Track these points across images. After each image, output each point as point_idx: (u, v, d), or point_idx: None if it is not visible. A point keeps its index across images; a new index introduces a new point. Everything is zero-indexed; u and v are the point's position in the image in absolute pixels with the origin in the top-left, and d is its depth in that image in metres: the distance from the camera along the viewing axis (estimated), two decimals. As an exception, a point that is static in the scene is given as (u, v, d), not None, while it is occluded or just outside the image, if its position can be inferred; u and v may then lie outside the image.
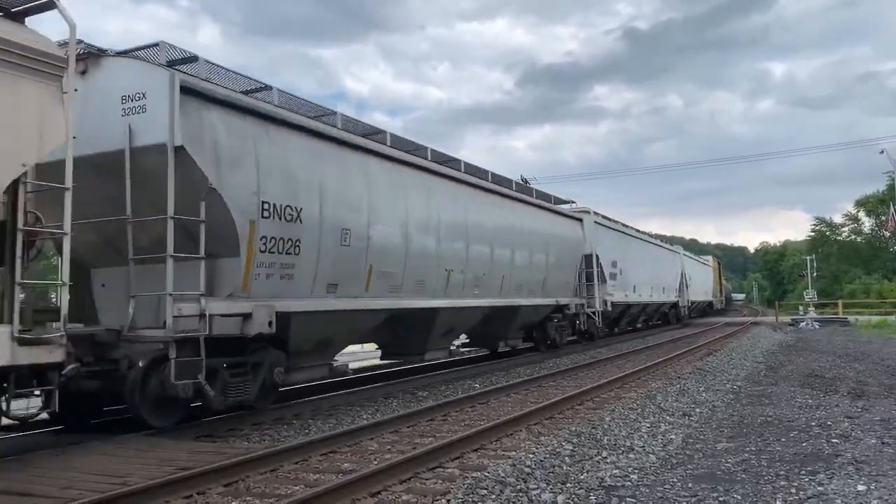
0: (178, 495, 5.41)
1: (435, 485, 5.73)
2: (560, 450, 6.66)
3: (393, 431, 8.11)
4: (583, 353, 18.86)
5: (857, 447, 6.80)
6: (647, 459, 6.45)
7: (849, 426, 7.83)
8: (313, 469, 6.39)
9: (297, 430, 8.60)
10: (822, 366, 14.21)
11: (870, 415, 8.54)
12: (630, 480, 5.71)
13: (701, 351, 18.58)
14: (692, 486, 5.52)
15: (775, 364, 14.85)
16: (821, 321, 33.13)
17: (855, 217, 65.05)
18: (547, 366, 15.56)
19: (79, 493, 5.25)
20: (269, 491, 5.68)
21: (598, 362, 15.98)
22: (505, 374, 14.14)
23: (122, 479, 5.66)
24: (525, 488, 5.39)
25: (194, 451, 6.89)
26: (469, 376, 13.88)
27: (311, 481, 5.91)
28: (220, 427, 8.53)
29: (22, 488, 5.50)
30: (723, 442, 7.22)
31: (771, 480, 5.68)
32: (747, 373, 13.18)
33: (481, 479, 5.55)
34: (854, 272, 58.31)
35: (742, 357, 16.31)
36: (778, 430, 7.77)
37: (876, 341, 21.73)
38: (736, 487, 5.48)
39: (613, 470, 6.00)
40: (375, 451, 7.14)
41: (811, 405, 9.33)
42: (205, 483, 5.68)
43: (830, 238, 66.60)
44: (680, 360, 16.11)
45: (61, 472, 6.01)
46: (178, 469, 5.97)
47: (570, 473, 5.87)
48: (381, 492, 5.50)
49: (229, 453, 6.66)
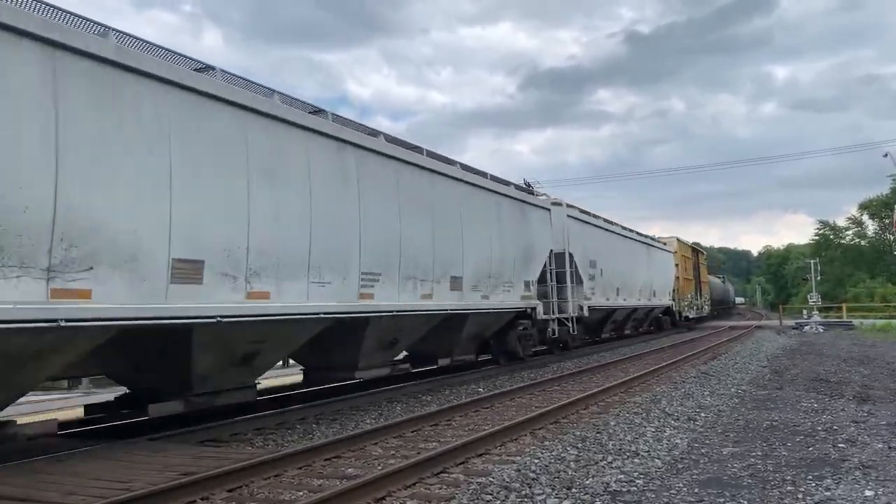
0: (181, 501, 5.38)
1: (440, 490, 5.70)
2: (565, 455, 6.63)
3: (397, 436, 8.09)
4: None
5: (864, 452, 6.75)
6: (653, 464, 6.41)
7: (855, 430, 7.79)
8: (317, 474, 6.37)
9: (300, 434, 8.59)
10: (828, 370, 14.15)
11: (876, 419, 8.49)
12: (636, 486, 5.68)
13: (706, 355, 18.54)
14: (698, 492, 5.48)
15: (780, 368, 14.79)
16: (825, 325, 33.04)
17: (859, 220, 64.92)
18: (551, 370, 15.48)
19: (82, 499, 5.24)
20: (272, 496, 5.66)
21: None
22: (510, 378, 14.12)
23: (125, 485, 5.64)
24: (530, 493, 5.37)
25: (198, 457, 6.87)
26: (473, 380, 13.85)
27: (315, 487, 5.89)
28: (224, 432, 8.52)
29: (24, 494, 5.48)
30: (728, 447, 7.18)
31: (777, 485, 5.64)
32: (752, 377, 13.13)
33: (486, 485, 5.53)
34: (858, 275, 58.19)
35: (746, 361, 16.26)
36: (784, 434, 7.73)
37: (881, 345, 21.66)
38: (742, 493, 5.45)
39: (619, 475, 5.96)
40: (380, 456, 7.12)
41: (817, 409, 9.28)
42: (209, 488, 5.66)
43: (834, 241, 66.43)
44: (685, 363, 16.07)
45: (64, 478, 6.00)
46: (181, 474, 5.95)
47: (575, 478, 5.84)
48: (385, 497, 5.47)
49: (233, 458, 6.64)
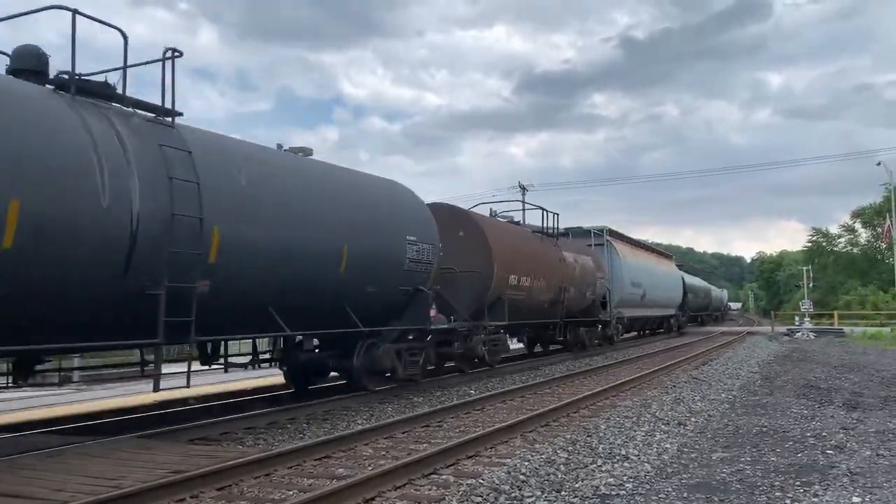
0: (171, 498, 5.38)
1: (430, 491, 5.72)
2: (555, 458, 6.64)
3: (388, 437, 8.09)
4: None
5: (853, 459, 6.79)
6: (642, 468, 6.43)
7: (844, 437, 7.83)
8: (307, 474, 6.37)
9: (291, 434, 8.58)
10: (818, 376, 14.21)
11: (865, 426, 8.54)
12: (625, 489, 5.70)
13: (697, 360, 18.58)
14: (687, 496, 5.51)
15: (771, 374, 14.85)
16: (816, 332, 33.17)
17: (851, 228, 65.19)
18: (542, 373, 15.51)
19: (71, 496, 5.22)
20: (262, 495, 5.66)
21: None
22: (500, 381, 14.13)
23: (115, 482, 5.63)
24: (520, 496, 5.38)
25: (188, 455, 6.86)
26: (464, 382, 13.86)
27: (305, 486, 5.89)
28: (214, 430, 8.51)
29: (13, 490, 5.46)
30: (718, 452, 7.21)
31: (766, 491, 5.67)
32: (742, 382, 13.18)
33: (476, 486, 5.54)
34: (850, 283, 58.42)
35: (738, 367, 16.31)
36: (773, 440, 7.77)
37: (871, 352, 21.76)
38: (731, 497, 5.48)
39: (608, 478, 5.98)
40: (370, 456, 7.12)
41: (806, 416, 9.33)
42: (198, 486, 5.65)
43: (827, 249, 66.67)
44: (676, 368, 16.11)
45: (54, 474, 5.98)
46: (171, 472, 5.94)
47: (564, 481, 5.86)
48: (375, 498, 5.48)
49: (223, 457, 6.63)
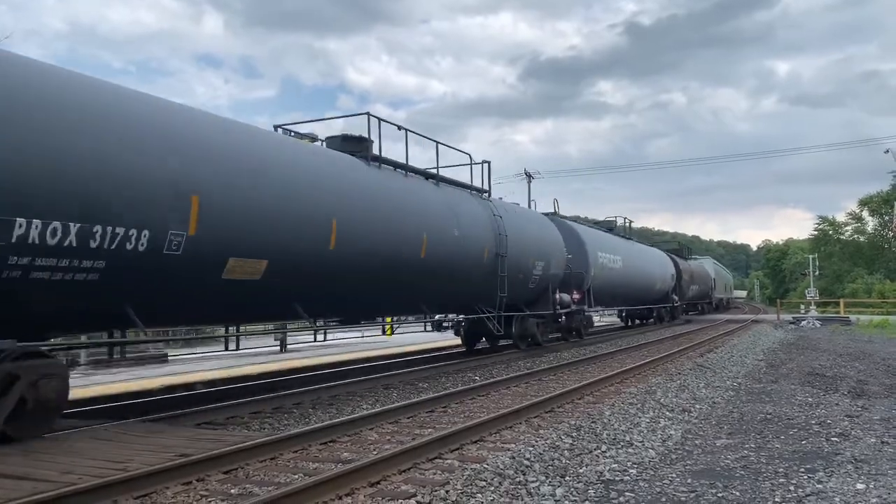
0: (177, 481, 5.42)
1: (434, 475, 5.73)
2: (559, 443, 6.66)
3: (393, 422, 8.12)
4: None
5: (857, 446, 6.79)
6: (647, 454, 6.45)
7: (848, 425, 7.82)
8: (313, 458, 6.40)
9: (296, 418, 8.62)
10: (823, 364, 14.19)
11: (870, 414, 8.53)
12: (629, 475, 5.71)
13: (702, 347, 18.58)
14: (691, 482, 5.52)
15: (776, 362, 14.84)
16: (822, 320, 33.09)
17: (858, 216, 64.91)
18: (547, 360, 15.54)
19: (78, 478, 5.25)
20: (268, 479, 5.69)
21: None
22: (505, 367, 14.16)
23: (121, 465, 5.66)
24: (524, 481, 5.40)
25: (194, 438, 6.90)
26: (469, 368, 13.89)
27: (311, 470, 5.92)
28: (220, 415, 8.55)
29: (21, 472, 5.50)
30: (722, 438, 7.22)
31: (770, 477, 5.68)
32: (748, 370, 13.17)
33: (480, 471, 5.56)
34: (856, 271, 58.26)
35: (743, 354, 16.30)
36: (777, 427, 7.77)
37: (877, 341, 21.71)
38: (734, 483, 5.48)
39: (612, 464, 6.00)
40: (375, 441, 7.15)
41: (811, 403, 9.32)
42: (204, 469, 5.69)
43: (833, 237, 66.45)
44: (681, 356, 16.11)
45: (61, 457, 6.02)
46: (177, 455, 5.97)
47: (568, 467, 5.87)
48: (380, 482, 5.50)
49: (229, 441, 6.66)
